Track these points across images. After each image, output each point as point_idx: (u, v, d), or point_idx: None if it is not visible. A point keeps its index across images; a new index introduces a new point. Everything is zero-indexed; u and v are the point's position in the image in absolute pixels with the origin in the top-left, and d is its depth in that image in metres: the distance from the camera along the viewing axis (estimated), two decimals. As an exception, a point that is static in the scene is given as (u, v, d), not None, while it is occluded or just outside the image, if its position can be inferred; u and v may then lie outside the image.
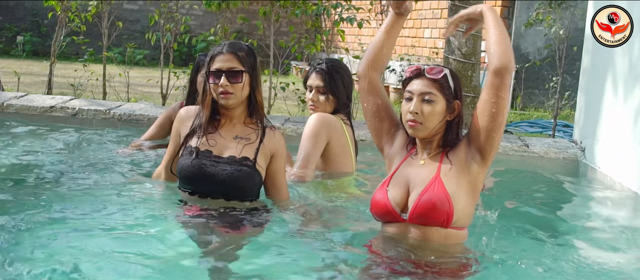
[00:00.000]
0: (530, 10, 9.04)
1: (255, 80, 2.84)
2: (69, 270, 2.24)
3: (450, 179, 2.48)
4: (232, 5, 7.20)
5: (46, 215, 2.77)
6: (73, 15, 7.14)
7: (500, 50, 2.48)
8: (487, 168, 2.56)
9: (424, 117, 2.47)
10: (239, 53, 2.79)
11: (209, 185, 2.82)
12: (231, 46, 2.81)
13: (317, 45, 7.16)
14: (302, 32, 8.91)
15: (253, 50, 2.89)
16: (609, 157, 4.67)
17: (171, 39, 7.18)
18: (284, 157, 2.98)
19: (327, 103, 3.47)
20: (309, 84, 3.54)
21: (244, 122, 2.88)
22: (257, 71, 2.85)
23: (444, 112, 2.49)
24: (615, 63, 4.69)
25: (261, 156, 2.85)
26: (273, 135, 2.91)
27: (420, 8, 11.38)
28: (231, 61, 2.76)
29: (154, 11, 7.28)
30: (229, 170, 2.78)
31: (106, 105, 5.85)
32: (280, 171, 2.96)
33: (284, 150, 2.98)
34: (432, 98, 2.47)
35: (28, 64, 12.53)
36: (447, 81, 2.50)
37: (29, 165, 3.80)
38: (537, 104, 9.45)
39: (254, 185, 2.88)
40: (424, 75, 2.51)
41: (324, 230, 2.82)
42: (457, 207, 2.47)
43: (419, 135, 2.54)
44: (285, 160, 3.01)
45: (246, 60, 2.79)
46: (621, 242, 3.21)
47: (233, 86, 2.75)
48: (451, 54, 7.20)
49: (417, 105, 2.47)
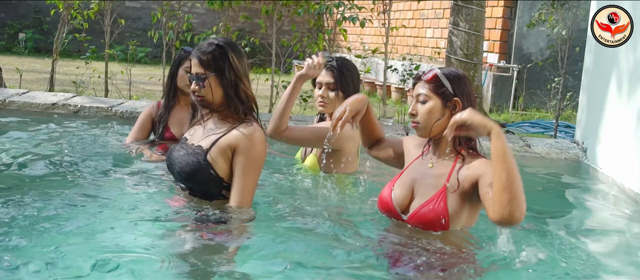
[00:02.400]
0: (532, 11, 9.03)
1: (228, 78, 2.75)
2: (67, 266, 2.26)
3: (454, 199, 2.54)
4: (234, 3, 7.21)
5: (46, 213, 2.77)
6: (75, 13, 7.15)
7: (505, 199, 2.29)
8: None
9: (420, 117, 2.60)
10: (203, 57, 2.75)
11: (172, 173, 2.88)
12: (196, 51, 2.80)
13: (319, 44, 7.16)
14: (304, 31, 8.92)
15: (226, 48, 2.78)
16: (610, 158, 4.66)
17: (173, 37, 7.18)
18: (251, 155, 2.71)
19: (337, 100, 3.43)
20: (318, 80, 3.50)
21: (225, 116, 2.82)
22: (233, 68, 2.76)
23: (440, 110, 2.58)
24: (617, 64, 4.69)
25: (217, 148, 2.73)
26: (242, 129, 2.74)
27: (423, 8, 11.38)
28: (196, 66, 2.77)
29: (156, 9, 7.30)
30: (182, 155, 2.80)
31: (108, 102, 5.85)
32: (239, 169, 2.71)
33: (252, 147, 2.71)
34: (425, 99, 2.60)
35: (30, 61, 12.55)
36: (439, 81, 2.59)
37: (29, 161, 3.80)
38: (539, 105, 9.44)
39: (208, 179, 2.74)
40: (420, 80, 2.65)
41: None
42: (455, 226, 2.58)
43: (421, 135, 2.65)
44: (252, 159, 2.72)
45: (211, 63, 2.74)
46: (622, 243, 3.21)
47: (201, 89, 2.77)
48: (453, 54, 7.20)
49: (413, 107, 2.63)
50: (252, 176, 2.73)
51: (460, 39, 7.12)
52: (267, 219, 2.86)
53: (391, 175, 2.92)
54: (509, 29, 9.67)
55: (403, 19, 12.19)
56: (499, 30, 9.65)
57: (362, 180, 3.46)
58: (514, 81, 9.47)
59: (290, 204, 3.09)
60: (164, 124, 3.94)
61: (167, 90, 3.99)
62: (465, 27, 7.07)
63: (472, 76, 7.13)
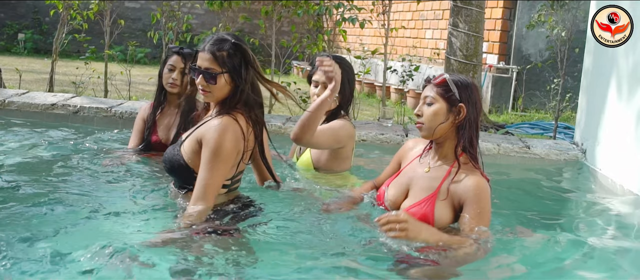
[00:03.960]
0: (532, 12, 9.04)
1: (240, 75, 2.68)
2: (65, 264, 2.26)
3: (442, 206, 2.66)
4: (234, 4, 7.21)
5: (45, 213, 2.78)
6: (75, 13, 7.15)
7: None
8: None
9: (425, 118, 2.70)
10: (219, 53, 2.65)
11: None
12: (214, 44, 2.67)
13: (318, 45, 7.16)
14: (304, 32, 8.92)
15: (240, 45, 2.70)
16: (610, 159, 4.66)
17: (173, 37, 7.18)
18: (212, 147, 2.60)
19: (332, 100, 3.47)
20: (315, 79, 3.52)
21: (219, 110, 2.75)
22: (247, 65, 2.70)
23: (445, 113, 2.68)
24: (617, 65, 4.69)
25: (189, 139, 2.70)
26: (213, 121, 2.66)
27: (422, 9, 11.39)
28: (209, 61, 2.65)
29: (155, 10, 7.30)
30: (169, 148, 2.82)
31: (107, 103, 5.85)
32: (202, 161, 2.62)
33: (214, 139, 2.59)
34: (431, 101, 2.70)
35: (29, 61, 12.54)
36: (447, 86, 2.69)
37: (29, 162, 3.80)
38: (538, 106, 9.45)
39: (180, 170, 2.70)
40: (430, 82, 2.75)
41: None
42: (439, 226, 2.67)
43: (424, 136, 2.75)
44: (213, 152, 2.60)
45: (226, 61, 2.65)
46: (621, 244, 3.21)
47: (209, 86, 2.67)
48: (453, 55, 7.20)
49: (420, 108, 2.73)
50: (212, 169, 2.59)
51: (459, 40, 7.12)
52: (274, 216, 2.85)
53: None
54: (509, 30, 9.68)
55: (402, 20, 12.20)
56: (498, 32, 9.65)
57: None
58: (514, 82, 9.48)
59: (286, 202, 3.09)
60: (151, 127, 3.89)
61: (157, 92, 3.95)
62: (465, 28, 7.07)
63: (472, 77, 7.13)
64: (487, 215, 2.59)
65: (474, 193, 2.59)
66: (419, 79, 9.18)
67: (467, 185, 2.61)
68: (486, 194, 2.61)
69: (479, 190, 2.59)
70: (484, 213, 2.58)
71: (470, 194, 2.60)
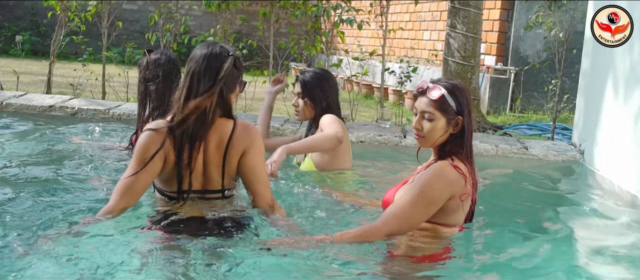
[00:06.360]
0: (529, 13, 9.05)
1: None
2: (64, 264, 2.26)
3: (403, 190, 2.68)
4: (231, 5, 7.21)
5: (43, 213, 2.77)
6: (73, 15, 7.14)
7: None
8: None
9: (425, 132, 2.70)
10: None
11: None
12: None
13: (316, 47, 7.16)
14: (302, 34, 8.92)
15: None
16: (608, 160, 4.67)
17: (171, 39, 7.18)
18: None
19: (305, 107, 3.77)
20: (294, 91, 3.88)
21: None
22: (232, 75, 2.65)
23: (445, 127, 2.69)
24: (615, 65, 4.70)
25: None
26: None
27: (420, 10, 11.39)
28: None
29: (153, 11, 7.29)
30: None
31: (105, 104, 5.85)
32: None
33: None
34: (431, 117, 2.68)
35: (27, 63, 12.53)
36: (446, 100, 2.66)
37: (27, 163, 3.80)
38: (536, 107, 9.45)
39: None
40: (425, 95, 2.70)
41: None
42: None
43: (424, 146, 2.77)
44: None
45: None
46: (619, 245, 3.21)
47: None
48: (450, 56, 7.21)
49: (419, 122, 2.71)
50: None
51: (457, 41, 7.13)
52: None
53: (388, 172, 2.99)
54: (506, 31, 9.68)
55: (400, 21, 12.20)
56: (496, 33, 9.66)
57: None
58: (511, 83, 9.48)
59: (294, 202, 3.10)
60: (135, 130, 3.88)
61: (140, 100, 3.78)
62: (463, 29, 7.08)
63: (470, 78, 7.14)
64: (417, 188, 2.56)
65: (424, 171, 2.64)
66: (417, 80, 9.18)
67: (421, 175, 2.64)
68: (431, 172, 2.59)
69: (429, 169, 2.62)
70: (415, 186, 2.58)
71: (423, 172, 2.65)
